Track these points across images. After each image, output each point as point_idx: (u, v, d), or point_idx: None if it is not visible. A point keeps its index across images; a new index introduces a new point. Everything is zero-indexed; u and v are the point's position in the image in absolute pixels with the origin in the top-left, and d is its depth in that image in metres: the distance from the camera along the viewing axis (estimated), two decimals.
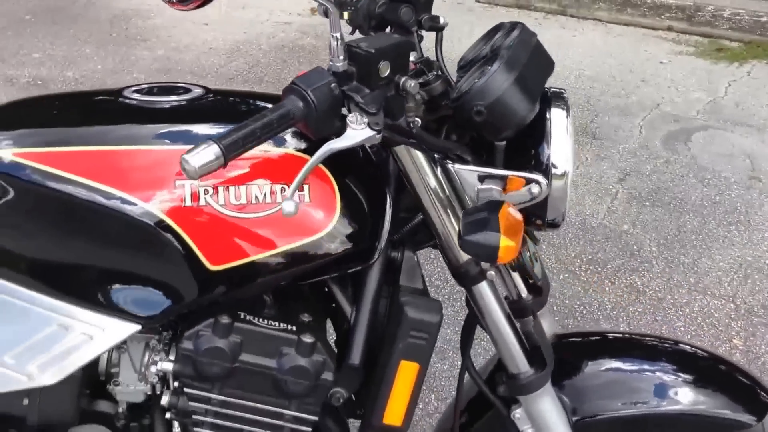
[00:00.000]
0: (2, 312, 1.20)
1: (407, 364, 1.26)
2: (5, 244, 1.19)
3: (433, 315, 1.25)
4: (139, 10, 5.01)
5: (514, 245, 1.12)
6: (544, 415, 1.37)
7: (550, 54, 1.29)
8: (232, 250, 1.17)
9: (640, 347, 1.54)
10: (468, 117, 1.17)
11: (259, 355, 1.23)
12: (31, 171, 1.15)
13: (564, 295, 2.73)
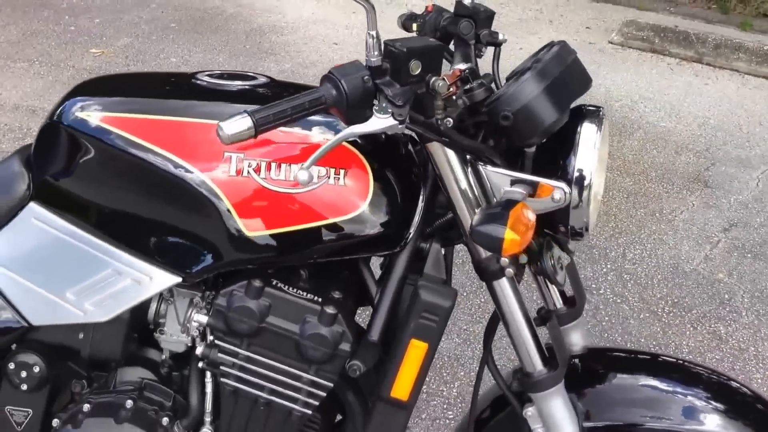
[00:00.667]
0: (68, 253, 1.36)
1: (417, 342, 1.33)
2: (81, 194, 1.35)
3: (445, 300, 1.32)
4: (275, 26, 5.29)
5: (519, 239, 1.19)
6: (554, 415, 1.41)
7: (680, 102, 1.35)
8: (268, 219, 1.29)
9: (674, 370, 1.55)
10: (497, 121, 1.25)
11: (285, 319, 1.34)
12: (112, 135, 1.31)
13: (641, 334, 2.70)
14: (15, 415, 1.49)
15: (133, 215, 1.34)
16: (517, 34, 5.38)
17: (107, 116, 1.32)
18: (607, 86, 4.69)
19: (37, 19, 5.30)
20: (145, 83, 1.50)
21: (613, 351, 1.67)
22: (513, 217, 1.21)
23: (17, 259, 1.40)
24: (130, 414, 1.42)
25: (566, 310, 1.54)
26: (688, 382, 1.50)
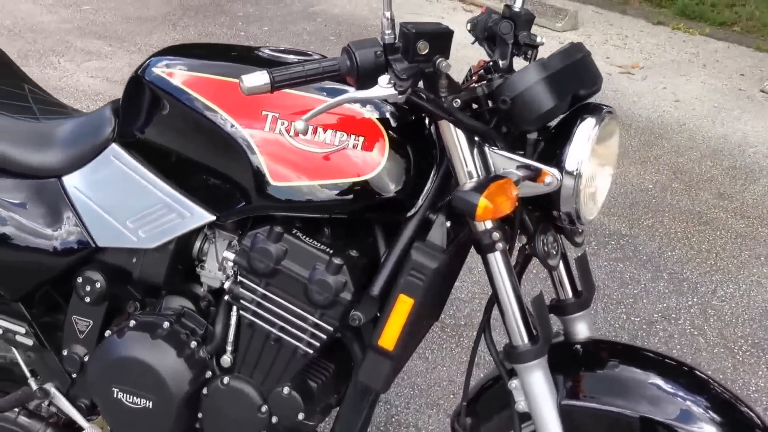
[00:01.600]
0: (133, 188, 1.61)
1: (404, 298, 1.46)
2: (148, 139, 1.61)
3: (432, 261, 1.45)
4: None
5: (491, 207, 1.33)
6: (533, 388, 1.50)
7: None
8: (291, 172, 1.49)
9: (677, 372, 1.60)
10: (497, 105, 1.40)
11: (297, 264, 1.51)
12: (178, 89, 1.55)
13: (709, 366, 2.69)
14: (79, 324, 1.74)
15: (186, 159, 1.58)
16: (666, 74, 5.35)
17: (175, 72, 1.56)
18: (746, 131, 4.59)
19: (214, 23, 5.82)
20: (215, 51, 1.74)
21: (618, 344, 1.73)
22: (492, 188, 1.35)
23: (95, 189, 1.66)
24: (164, 333, 1.64)
25: (574, 300, 1.64)
26: (690, 386, 1.54)
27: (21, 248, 1.71)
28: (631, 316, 2.97)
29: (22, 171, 1.72)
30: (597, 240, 3.44)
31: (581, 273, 1.66)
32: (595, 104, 1.48)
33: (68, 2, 5.60)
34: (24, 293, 1.77)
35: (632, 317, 2.96)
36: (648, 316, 2.97)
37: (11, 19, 5.09)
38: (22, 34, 4.99)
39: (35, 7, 5.32)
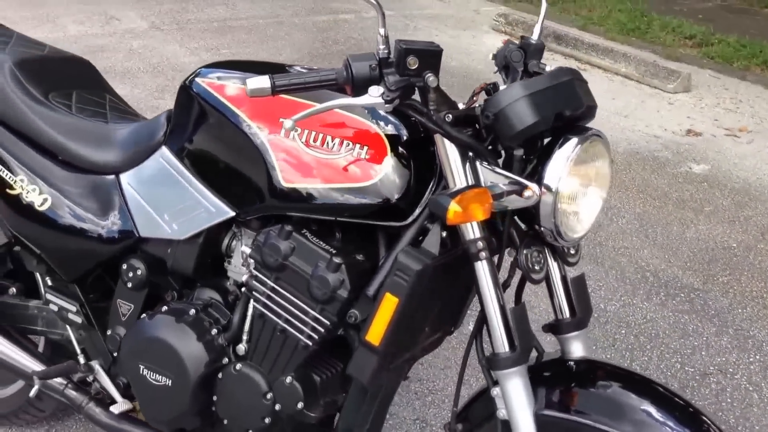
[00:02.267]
0: (172, 186, 1.82)
1: (390, 296, 1.55)
2: (188, 142, 1.80)
3: (416, 264, 1.53)
4: None
5: (461, 212, 1.44)
6: (511, 395, 1.56)
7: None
8: (300, 175, 1.64)
9: (661, 398, 1.61)
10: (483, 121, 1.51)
11: (303, 261, 1.64)
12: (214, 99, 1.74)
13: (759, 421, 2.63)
14: (122, 307, 1.95)
15: (214, 160, 1.77)
16: None
17: (213, 83, 1.75)
18: None
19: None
20: (251, 65, 1.91)
21: (612, 366, 1.74)
22: (464, 195, 1.45)
23: (143, 186, 1.88)
24: (190, 320, 1.80)
25: (570, 320, 1.70)
26: (670, 412, 1.55)
27: (78, 235, 1.94)
28: (685, 366, 2.94)
29: (85, 166, 1.96)
30: (666, 291, 3.42)
31: (578, 294, 1.71)
32: (584, 127, 1.56)
33: (210, 46, 6.07)
34: (78, 275, 1.99)
35: (687, 367, 2.93)
36: (704, 368, 2.93)
37: (158, 59, 5.58)
38: (164, 72, 5.43)
39: (180, 50, 5.80)
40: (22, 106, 2.01)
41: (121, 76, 5.09)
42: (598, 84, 6.11)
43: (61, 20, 6.16)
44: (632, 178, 4.52)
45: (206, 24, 6.52)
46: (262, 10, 6.97)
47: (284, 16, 7.00)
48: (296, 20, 6.90)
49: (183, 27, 6.38)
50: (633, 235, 3.88)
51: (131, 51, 5.69)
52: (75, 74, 2.20)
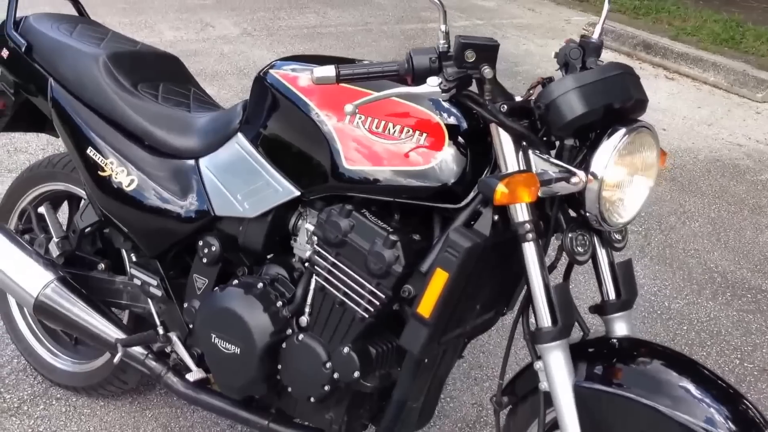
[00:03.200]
0: (246, 168, 1.97)
1: (441, 271, 1.65)
2: (261, 128, 1.95)
3: (466, 241, 1.63)
4: None
5: (508, 193, 1.54)
6: (551, 368, 1.65)
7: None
8: (362, 158, 1.76)
9: (703, 378, 1.63)
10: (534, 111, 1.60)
11: (361, 238, 1.76)
12: (285, 89, 1.88)
13: None
14: (198, 281, 2.10)
15: (284, 144, 1.92)
16: None
17: (286, 74, 1.89)
18: None
19: None
20: (320, 59, 2.04)
21: (652, 344, 1.78)
22: (512, 178, 1.56)
23: (220, 169, 2.03)
24: (258, 293, 1.94)
25: (615, 301, 1.77)
26: (709, 391, 1.59)
27: (160, 214, 2.11)
28: (744, 362, 2.95)
29: (168, 151, 2.14)
30: (733, 292, 3.42)
31: (624, 277, 1.78)
32: (634, 120, 1.63)
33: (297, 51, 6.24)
34: (160, 252, 2.16)
35: (746, 363, 2.95)
36: (763, 364, 2.95)
37: (245, 62, 5.82)
38: (250, 75, 5.61)
39: (268, 54, 6.02)
40: (113, 96, 2.20)
41: (210, 78, 5.33)
42: (685, 93, 6.09)
43: (158, 26, 6.49)
44: (710, 184, 4.49)
45: (296, 30, 6.74)
46: (352, 17, 7.17)
47: (373, 24, 7.18)
48: (385, 28, 7.08)
49: (273, 33, 6.61)
50: (704, 238, 3.87)
51: (222, 55, 5.94)
52: (163, 68, 2.39)
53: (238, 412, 2.09)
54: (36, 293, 2.26)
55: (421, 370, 1.90)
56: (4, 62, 2.45)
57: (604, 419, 1.65)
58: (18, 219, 2.61)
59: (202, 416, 2.49)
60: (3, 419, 2.47)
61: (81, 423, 2.48)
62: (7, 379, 2.64)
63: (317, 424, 2.01)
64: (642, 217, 4.03)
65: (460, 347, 2.08)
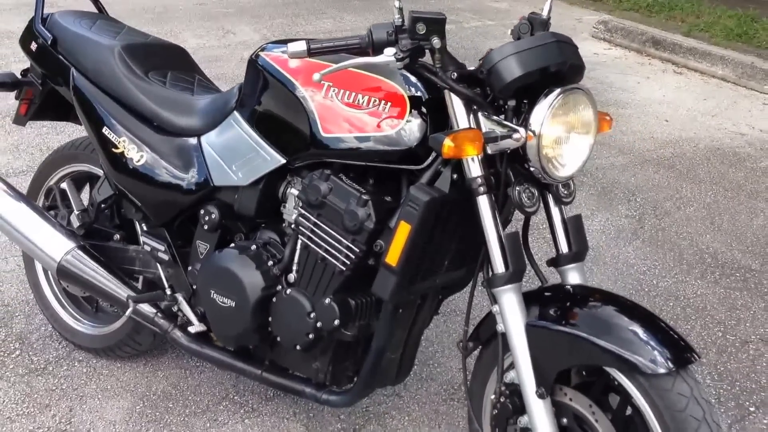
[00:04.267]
0: (240, 141, 2.20)
1: (404, 224, 1.86)
2: (253, 104, 2.17)
3: (424, 195, 1.84)
4: (619, 101, 5.80)
5: (453, 146, 1.74)
6: (505, 310, 1.85)
7: None
8: (335, 126, 1.98)
9: (636, 313, 1.82)
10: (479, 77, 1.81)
11: (338, 199, 1.99)
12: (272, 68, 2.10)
13: None
14: (200, 246, 2.34)
15: (272, 117, 2.14)
16: None
17: (274, 56, 2.11)
18: None
19: None
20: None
21: (604, 292, 1.95)
22: (458, 134, 1.76)
23: (218, 144, 2.27)
24: (251, 253, 2.17)
25: (567, 253, 1.96)
26: (655, 335, 1.75)
27: (166, 186, 2.36)
28: (727, 334, 3.10)
29: (174, 130, 2.38)
30: (722, 271, 3.57)
31: (574, 231, 1.98)
32: (570, 82, 1.83)
33: None
34: (166, 220, 2.40)
35: (728, 335, 3.09)
36: (745, 336, 3.09)
37: None
38: None
39: None
40: (126, 82, 2.45)
41: (231, 81, 5.58)
42: (692, 86, 6.23)
43: (182, 35, 6.79)
44: (708, 171, 4.65)
45: (312, 35, 6.97)
46: (367, 21, 7.37)
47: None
48: None
49: (290, 38, 6.88)
50: (698, 222, 4.03)
51: (242, 60, 6.20)
52: (171, 58, 2.64)
53: (235, 362, 2.32)
54: (59, 259, 2.52)
55: (397, 321, 2.11)
56: (33, 55, 2.72)
57: (554, 356, 1.83)
58: (45, 197, 2.88)
59: (208, 377, 2.72)
60: (31, 378, 2.72)
61: (100, 382, 2.73)
62: (35, 344, 2.90)
63: (305, 372, 2.24)
64: (637, 202, 4.21)
65: (436, 304, 2.29)
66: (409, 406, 2.62)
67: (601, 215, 4.06)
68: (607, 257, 3.65)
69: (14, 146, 4.45)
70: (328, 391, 2.20)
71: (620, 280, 3.45)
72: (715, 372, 2.86)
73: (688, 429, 1.69)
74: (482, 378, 2.06)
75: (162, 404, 2.62)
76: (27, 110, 2.85)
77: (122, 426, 2.52)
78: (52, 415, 2.57)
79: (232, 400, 2.63)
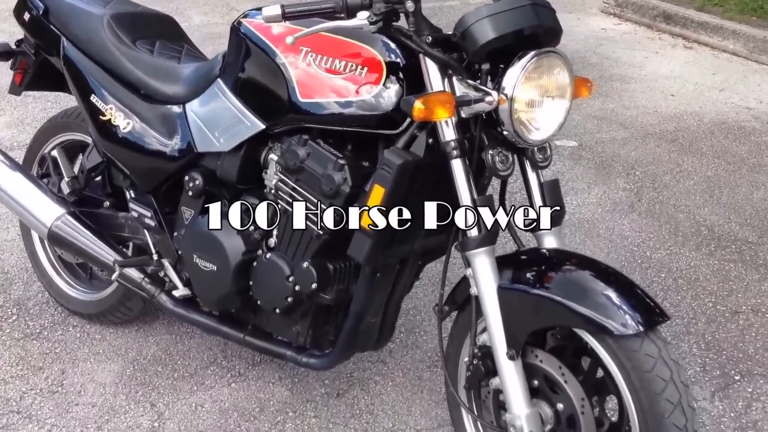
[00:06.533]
0: (221, 108, 2.22)
1: (377, 186, 1.88)
2: (235, 71, 2.19)
3: (398, 159, 1.86)
4: (625, 76, 5.75)
5: (424, 109, 1.75)
6: (477, 272, 1.88)
7: None
8: (313, 92, 2.00)
9: (608, 276, 1.84)
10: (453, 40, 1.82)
11: (315, 163, 2.01)
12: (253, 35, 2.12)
13: None
14: (185, 213, 2.37)
15: (253, 83, 2.17)
16: None
17: (254, 22, 2.13)
18: None
19: None
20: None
21: (581, 256, 1.96)
22: (429, 97, 1.77)
23: (202, 111, 2.31)
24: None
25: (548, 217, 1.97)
26: (628, 299, 1.77)
27: (152, 153, 2.40)
28: (718, 305, 3.10)
29: (160, 98, 2.41)
30: (717, 243, 3.57)
31: (551, 195, 2.00)
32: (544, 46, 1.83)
33: None
34: (153, 186, 2.44)
35: (719, 306, 3.09)
36: (736, 307, 3.08)
37: None
38: None
39: None
40: (114, 50, 2.48)
41: None
42: (701, 61, 6.17)
43: (188, 12, 6.81)
44: (711, 145, 4.62)
45: None
46: None
47: None
48: None
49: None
50: (697, 195, 4.01)
51: None
52: (160, 27, 2.67)
53: (219, 326, 2.36)
54: (50, 224, 2.57)
55: (375, 285, 2.13)
56: (26, 25, 2.75)
57: (525, 318, 1.84)
58: (39, 166, 2.92)
59: (197, 342, 2.77)
60: (26, 342, 2.78)
61: (92, 346, 2.78)
62: (32, 310, 2.96)
63: (286, 336, 2.27)
64: (636, 175, 4.20)
65: (416, 269, 2.30)
66: (393, 372, 2.65)
67: (598, 188, 4.05)
68: (602, 229, 3.65)
69: (20, 120, 4.51)
70: (309, 354, 2.23)
71: (613, 252, 3.44)
72: (703, 341, 2.86)
73: (656, 389, 1.72)
74: (458, 341, 2.09)
75: (152, 368, 2.67)
76: (21, 80, 2.88)
77: (111, 388, 2.57)
78: (45, 377, 2.63)
79: (219, 365, 2.68)
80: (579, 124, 4.82)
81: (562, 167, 4.22)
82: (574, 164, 4.29)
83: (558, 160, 4.29)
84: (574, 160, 4.35)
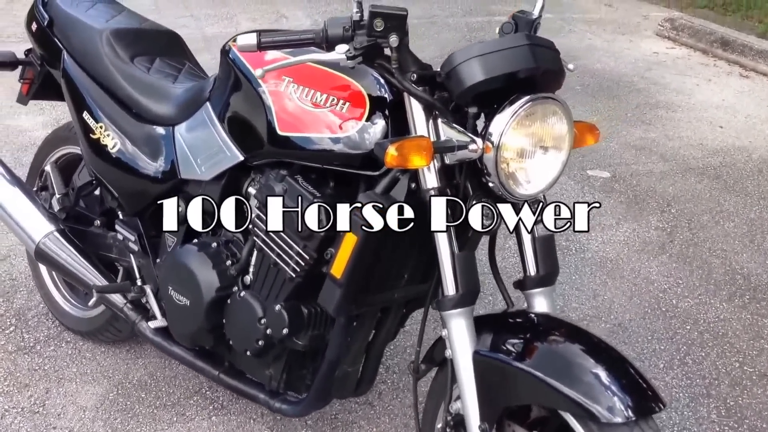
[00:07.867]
0: (206, 134, 2.12)
1: (350, 235, 1.76)
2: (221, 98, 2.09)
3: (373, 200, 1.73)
4: (672, 104, 5.51)
5: (397, 156, 1.61)
6: (453, 335, 1.72)
7: None
8: (292, 125, 1.88)
9: (600, 352, 1.64)
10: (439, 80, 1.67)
11: (290, 200, 1.89)
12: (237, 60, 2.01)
13: None
14: (168, 239, 2.27)
15: (237, 113, 2.05)
16: None
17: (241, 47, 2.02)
18: None
19: None
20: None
21: (572, 325, 1.76)
22: (403, 142, 1.63)
23: (189, 136, 2.21)
24: (211, 251, 2.10)
25: (536, 276, 1.82)
26: (619, 380, 1.58)
27: (137, 175, 2.32)
28: (745, 365, 2.89)
29: (150, 118, 2.33)
30: (752, 295, 3.35)
31: (544, 252, 1.82)
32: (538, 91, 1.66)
33: None
34: (138, 209, 2.36)
35: (746, 367, 2.88)
36: (766, 369, 2.87)
37: None
38: None
39: None
40: (110, 66, 2.41)
41: None
42: (757, 91, 5.90)
43: (237, 17, 6.81)
44: (758, 184, 4.37)
45: None
46: (421, 10, 7.22)
47: (440, 16, 7.27)
48: (450, 21, 7.15)
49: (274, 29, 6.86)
50: (736, 239, 3.78)
51: None
52: (162, 44, 2.58)
53: (195, 361, 2.26)
54: (38, 240, 2.51)
55: (352, 334, 2.00)
56: (34, 35, 2.70)
57: (502, 391, 1.68)
58: (39, 178, 2.87)
59: (185, 369, 2.67)
60: (18, 356, 2.74)
61: (81, 365, 2.72)
62: (30, 321, 2.92)
63: (259, 378, 2.16)
64: (671, 213, 3.98)
65: (401, 317, 2.17)
66: (380, 416, 2.52)
67: (627, 225, 3.85)
68: (626, 271, 3.46)
69: (56, 121, 4.46)
70: (282, 399, 2.11)
71: (636, 296, 3.25)
72: (724, 407, 2.66)
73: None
74: (435, 402, 1.95)
75: (135, 393, 2.59)
76: (28, 90, 2.84)
77: (91, 413, 2.50)
78: (29, 395, 2.57)
79: (203, 395, 2.58)
80: (615, 153, 4.62)
81: (591, 200, 4.03)
82: (604, 197, 4.09)
83: (588, 192, 4.11)
84: (605, 192, 4.15)
